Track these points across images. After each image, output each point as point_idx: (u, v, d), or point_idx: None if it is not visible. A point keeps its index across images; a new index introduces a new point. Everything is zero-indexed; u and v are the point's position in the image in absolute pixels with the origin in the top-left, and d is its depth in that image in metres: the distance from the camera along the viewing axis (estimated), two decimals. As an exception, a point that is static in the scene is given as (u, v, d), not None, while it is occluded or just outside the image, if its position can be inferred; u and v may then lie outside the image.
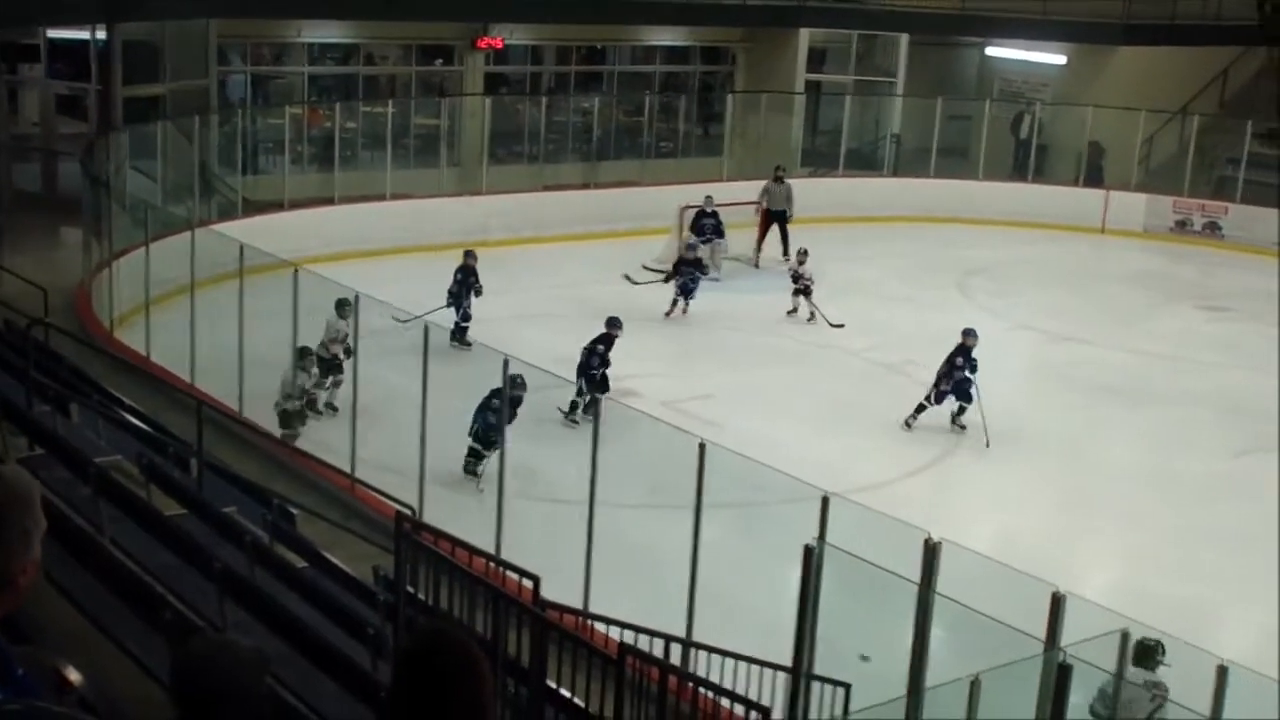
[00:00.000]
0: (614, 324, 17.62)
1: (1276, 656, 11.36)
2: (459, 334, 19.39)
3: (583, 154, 30.24)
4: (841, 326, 21.38)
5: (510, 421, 13.76)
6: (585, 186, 28.53)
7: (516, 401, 14.00)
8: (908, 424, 17.46)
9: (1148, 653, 9.63)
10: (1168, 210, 30.59)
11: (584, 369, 17.00)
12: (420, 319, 18.00)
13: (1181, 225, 30.42)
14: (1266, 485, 16.53)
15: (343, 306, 15.91)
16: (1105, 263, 28.50)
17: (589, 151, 30.15)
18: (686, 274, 21.64)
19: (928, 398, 17.49)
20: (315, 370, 15.92)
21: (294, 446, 14.40)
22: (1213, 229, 30.14)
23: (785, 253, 24.84)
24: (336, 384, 16.50)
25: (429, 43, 30.13)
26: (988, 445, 16.89)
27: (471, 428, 14.60)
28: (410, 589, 9.09)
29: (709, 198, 24.88)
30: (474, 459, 14.65)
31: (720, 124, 31.51)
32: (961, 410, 17.49)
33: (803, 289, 22.23)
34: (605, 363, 17.17)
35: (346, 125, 27.26)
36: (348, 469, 13.85)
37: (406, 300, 17.03)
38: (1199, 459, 17.25)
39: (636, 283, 21.85)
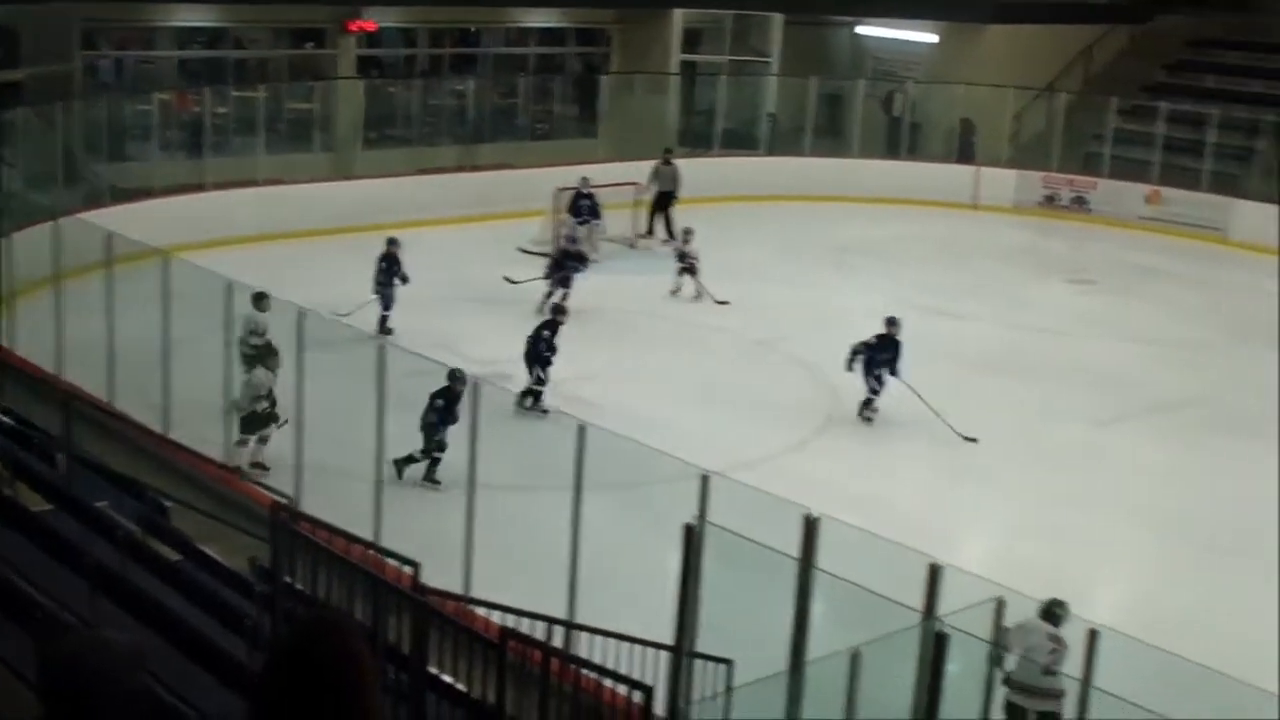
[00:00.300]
0: (560, 311, 17.58)
1: (1145, 618, 11.66)
2: (382, 324, 19.33)
3: (458, 137, 30.00)
4: (726, 304, 21.53)
5: (454, 422, 13.73)
6: (461, 170, 28.31)
7: (455, 398, 13.94)
8: (867, 419, 17.29)
9: (1054, 608, 10.28)
10: (1037, 185, 31.11)
11: (537, 357, 16.97)
12: (355, 310, 17.97)
13: (1050, 200, 30.97)
14: (1133, 452, 16.96)
15: (260, 299, 15.74)
16: (977, 238, 28.91)
17: (464, 135, 29.93)
18: (570, 267, 21.36)
19: (872, 390, 17.27)
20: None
21: (174, 441, 14.12)
22: (1080, 203, 30.72)
23: (670, 233, 24.95)
24: None
25: (299, 26, 29.70)
26: (971, 439, 16.76)
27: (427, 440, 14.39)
28: (289, 579, 8.97)
29: (584, 179, 24.84)
30: (432, 467, 14.39)
31: (596, 106, 31.46)
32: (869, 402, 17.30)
33: (688, 267, 22.36)
34: (553, 349, 17.08)
35: (217, 110, 26.78)
36: (221, 459, 13.64)
37: (279, 286, 16.76)
38: (1069, 428, 17.59)
39: (517, 282, 21.67)
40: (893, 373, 17.21)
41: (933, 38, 34.68)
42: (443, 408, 14.04)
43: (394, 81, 30.63)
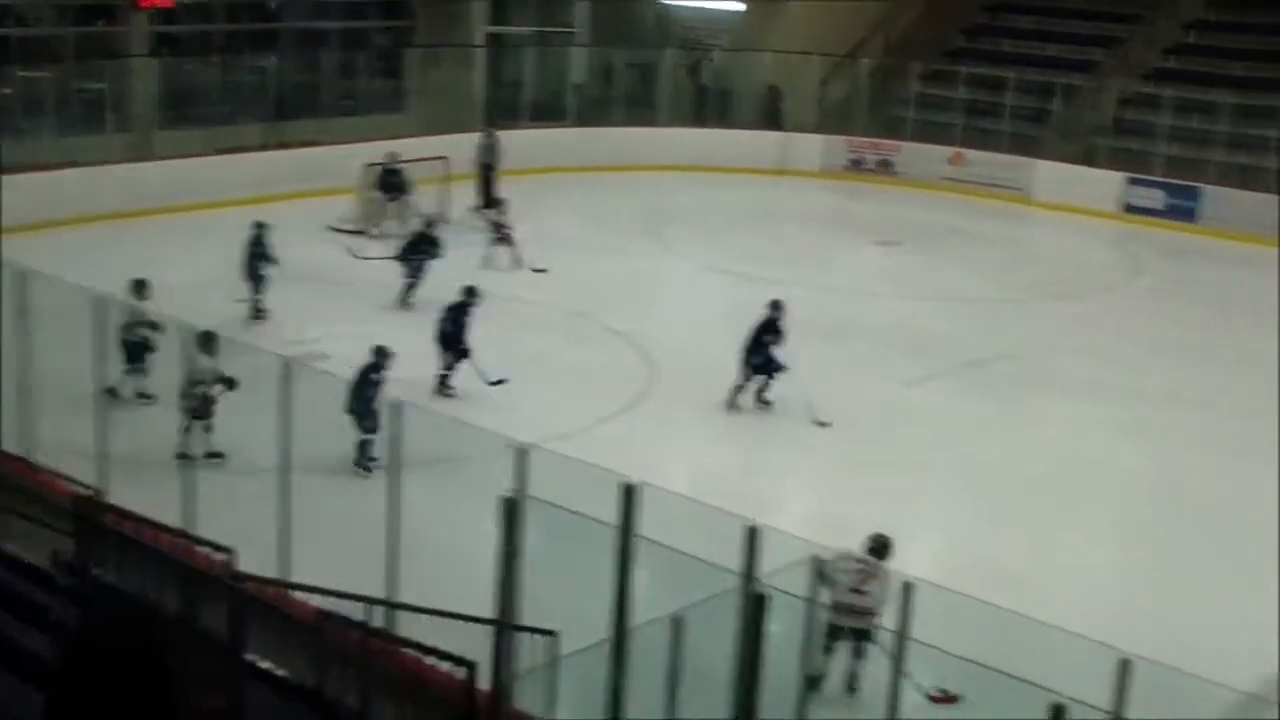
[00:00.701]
0: (473, 293, 17.25)
1: (960, 570, 11.91)
2: (255, 310, 19.09)
3: (261, 115, 29.31)
4: (544, 271, 21.46)
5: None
6: (265, 148, 27.67)
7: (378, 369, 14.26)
8: (732, 405, 16.72)
9: (873, 542, 10.79)
10: (843, 150, 31.60)
11: (451, 340, 16.74)
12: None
13: (857, 164, 31.47)
14: (944, 409, 17.32)
15: (141, 288, 15.49)
16: (787, 203, 29.28)
17: (267, 112, 29.26)
18: (425, 252, 20.60)
19: (743, 376, 16.77)
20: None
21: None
22: (886, 167, 31.27)
23: (488, 204, 24.82)
24: (140, 370, 15.45)
25: (88, 1, 28.69)
26: (825, 424, 16.49)
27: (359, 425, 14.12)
28: (97, 572, 8.67)
29: (391, 154, 24.51)
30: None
31: (401, 80, 31.01)
32: (767, 385, 16.85)
33: (503, 237, 22.28)
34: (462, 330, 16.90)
35: (2, 91, 25.76)
36: (20, 452, 13.13)
37: (77, 272, 16.18)
38: (882, 387, 17.87)
39: (367, 258, 21.24)
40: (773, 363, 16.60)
41: (739, 6, 34.96)
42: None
43: (191, 59, 29.77)
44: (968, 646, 10.59)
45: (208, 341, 13.98)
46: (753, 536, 8.38)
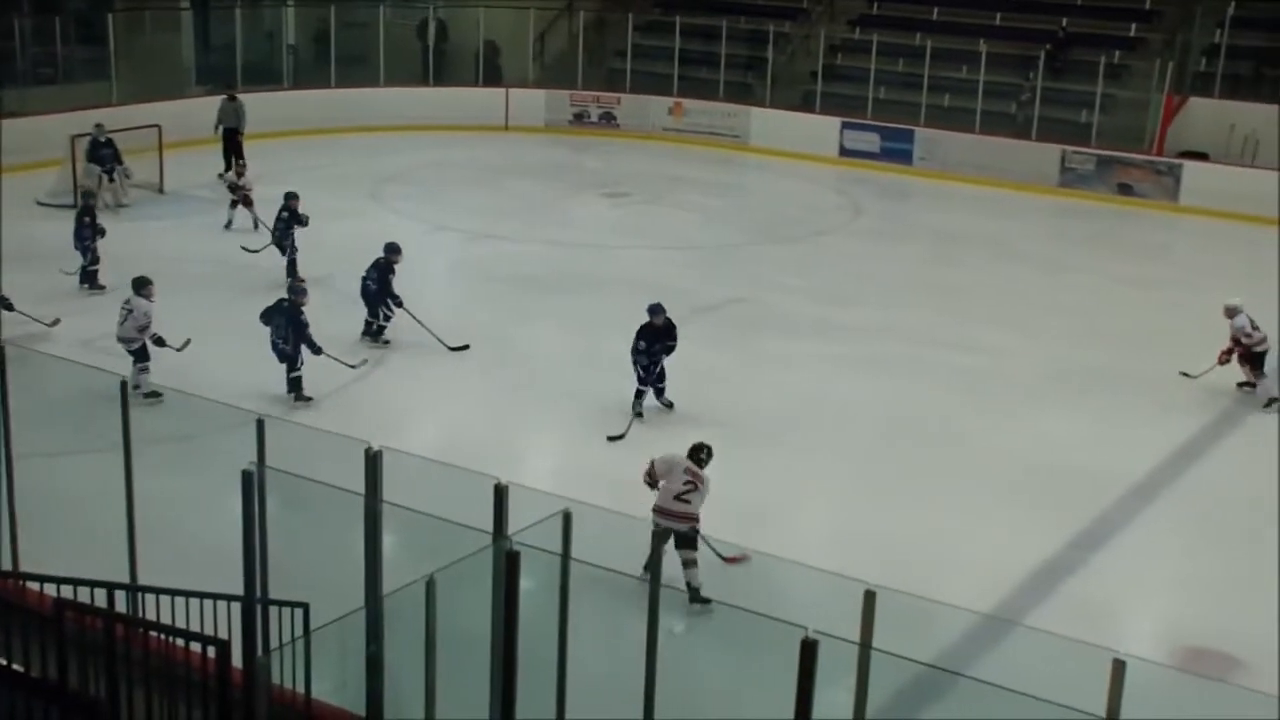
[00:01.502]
0: (394, 249, 17.44)
1: (730, 514, 12.18)
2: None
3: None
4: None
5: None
6: (-42, 121, 26.25)
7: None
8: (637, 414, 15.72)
9: (698, 451, 11.67)
10: (565, 104, 31.70)
11: (378, 295, 17.38)
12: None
13: (580, 118, 31.63)
14: (682, 357, 17.58)
15: (142, 286, 15.77)
16: (513, 159, 29.22)
17: (-43, 82, 27.76)
18: (288, 220, 19.91)
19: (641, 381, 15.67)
20: None
21: None
22: (609, 119, 31.52)
23: (237, 167, 24.33)
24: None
25: None
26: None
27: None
28: None
29: (99, 126, 23.58)
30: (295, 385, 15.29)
31: (104, 45, 29.76)
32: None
33: (242, 199, 22.03)
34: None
35: None
36: None
37: None
38: (617, 338, 18.01)
39: (254, 250, 20.41)
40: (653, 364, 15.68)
41: (449, -39, 34.69)
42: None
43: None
44: (718, 589, 10.90)
45: (142, 286, 15.60)
46: (500, 495, 8.40)
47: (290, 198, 19.84)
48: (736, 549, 11.40)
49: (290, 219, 19.80)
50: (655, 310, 15.73)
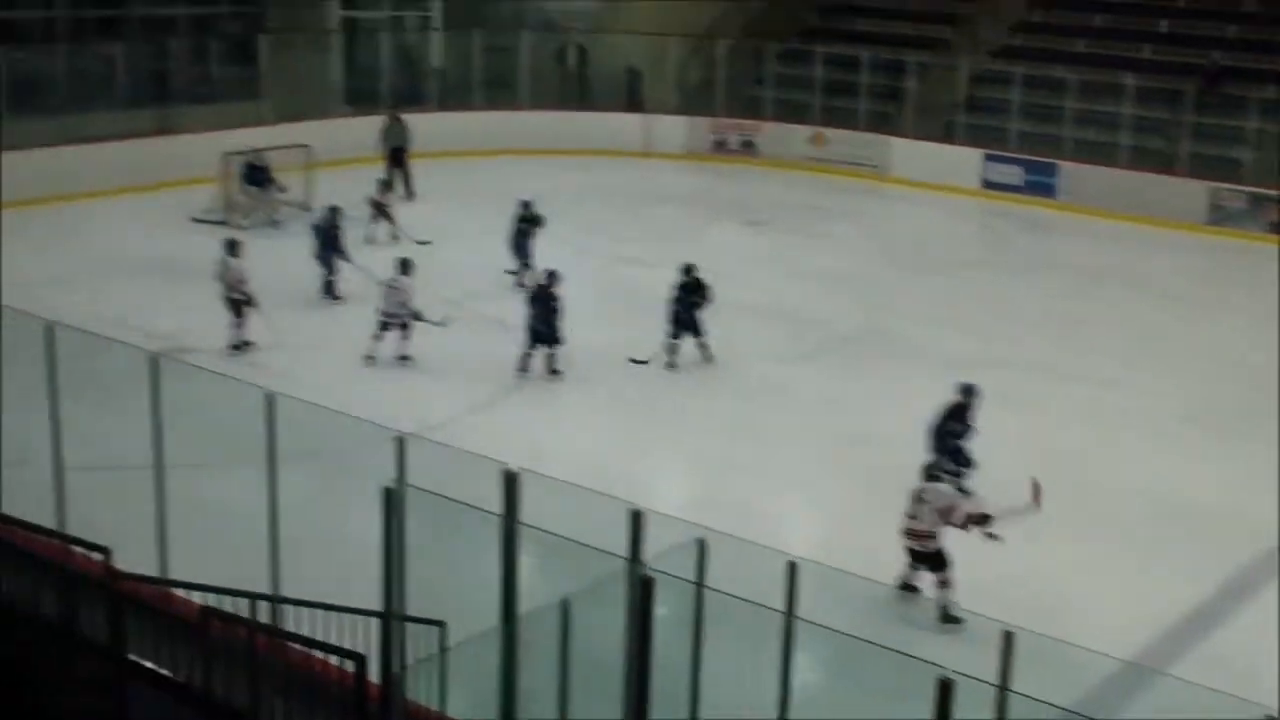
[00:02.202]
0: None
1: (842, 548, 12.10)
2: (329, 289, 20.23)
3: (111, 103, 28.62)
4: (428, 243, 21.46)
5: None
6: (118, 138, 27.04)
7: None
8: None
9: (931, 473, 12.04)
10: (706, 131, 31.77)
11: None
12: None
13: (720, 145, 31.68)
14: (818, 385, 17.54)
15: (234, 246, 17.84)
16: (652, 185, 29.35)
17: (117, 100, 28.58)
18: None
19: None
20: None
21: None
22: (748, 147, 31.51)
23: (408, 188, 25.87)
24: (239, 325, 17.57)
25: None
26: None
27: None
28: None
29: (255, 151, 24.15)
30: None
31: (255, 66, 30.48)
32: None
33: (383, 212, 22.79)
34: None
35: None
36: None
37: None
38: (756, 366, 18.05)
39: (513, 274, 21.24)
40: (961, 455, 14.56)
41: (594, -12, 35.05)
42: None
43: (34, 46, 28.92)
44: (854, 625, 10.78)
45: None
46: (636, 520, 8.43)
47: (526, 206, 21.17)
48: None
49: (526, 228, 21.03)
50: (968, 391, 14.69)
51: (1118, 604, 12.00)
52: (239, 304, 17.76)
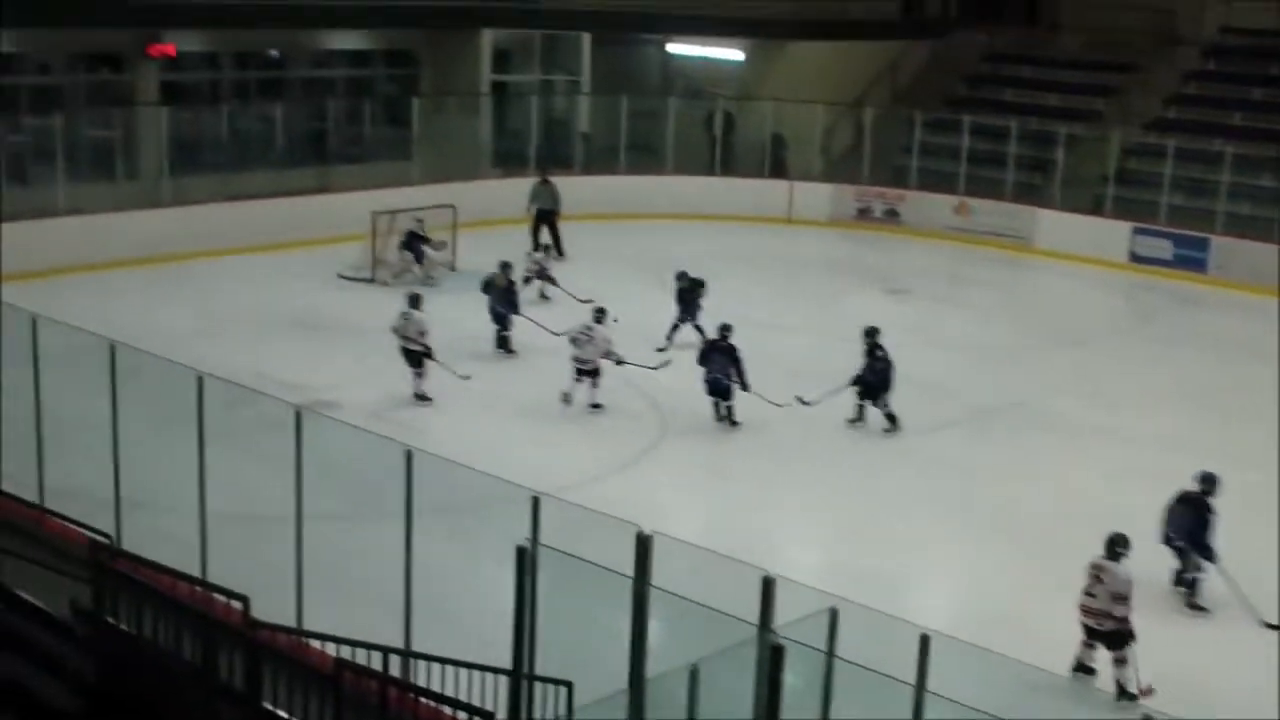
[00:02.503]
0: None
1: (976, 620, 11.90)
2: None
3: (268, 162, 29.48)
4: (589, 302, 21.70)
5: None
6: (272, 195, 27.77)
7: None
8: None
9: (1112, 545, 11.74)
10: (850, 199, 31.69)
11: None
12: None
13: (863, 213, 31.56)
14: (956, 455, 17.32)
15: (416, 300, 18.51)
16: (795, 251, 29.33)
17: (274, 159, 29.41)
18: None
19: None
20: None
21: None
22: (892, 215, 31.36)
23: (558, 248, 26.26)
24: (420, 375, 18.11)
25: (97, 51, 28.85)
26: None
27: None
28: (111, 620, 8.65)
29: (419, 220, 24.68)
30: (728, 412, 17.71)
31: (407, 128, 31.14)
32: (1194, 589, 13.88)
33: (544, 275, 23.57)
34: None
35: (10, 139, 25.84)
36: (34, 499, 13.12)
37: (89, 318, 16.21)
38: (895, 435, 17.88)
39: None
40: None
41: (740, 55, 35.20)
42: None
43: (199, 107, 29.93)
44: (987, 702, 10.57)
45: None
46: (768, 587, 8.37)
47: (681, 278, 21.69)
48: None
49: (690, 292, 21.56)
50: (1208, 480, 13.97)
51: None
52: (419, 356, 18.12)
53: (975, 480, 16.53)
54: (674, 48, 36.62)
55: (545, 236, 26.87)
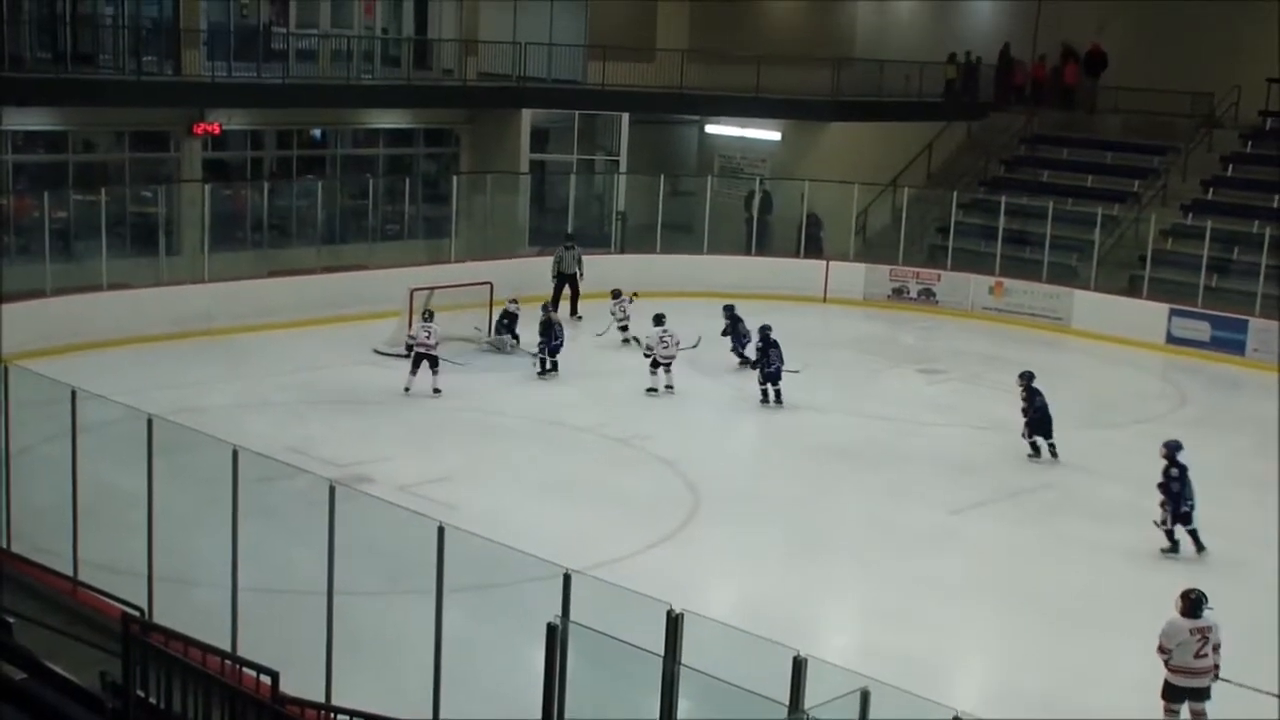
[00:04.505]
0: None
1: (1009, 701, 11.80)
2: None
3: (309, 239, 29.83)
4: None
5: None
6: (312, 271, 28.07)
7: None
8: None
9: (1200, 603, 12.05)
10: (885, 278, 31.74)
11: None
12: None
13: (898, 292, 31.59)
14: (987, 537, 17.25)
15: (431, 316, 21.61)
16: (829, 330, 29.36)
17: (314, 236, 29.75)
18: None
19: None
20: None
21: (16, 554, 13.62)
22: (927, 295, 31.37)
23: (575, 311, 27.58)
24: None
25: (143, 129, 29.33)
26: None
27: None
28: (141, 694, 8.68)
29: (515, 302, 25.45)
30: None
31: (447, 205, 31.46)
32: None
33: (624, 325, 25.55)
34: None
35: (57, 214, 26.23)
36: (68, 571, 13.20)
37: (128, 392, 16.37)
38: (926, 515, 17.83)
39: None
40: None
41: (776, 135, 35.47)
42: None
43: (242, 184, 30.34)
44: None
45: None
46: (799, 668, 8.34)
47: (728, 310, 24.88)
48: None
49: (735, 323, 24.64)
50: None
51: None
52: (435, 359, 21.36)
53: (1007, 560, 16.45)
54: (711, 128, 36.93)
55: (556, 297, 27.48)
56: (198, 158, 29.26)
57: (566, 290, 28.30)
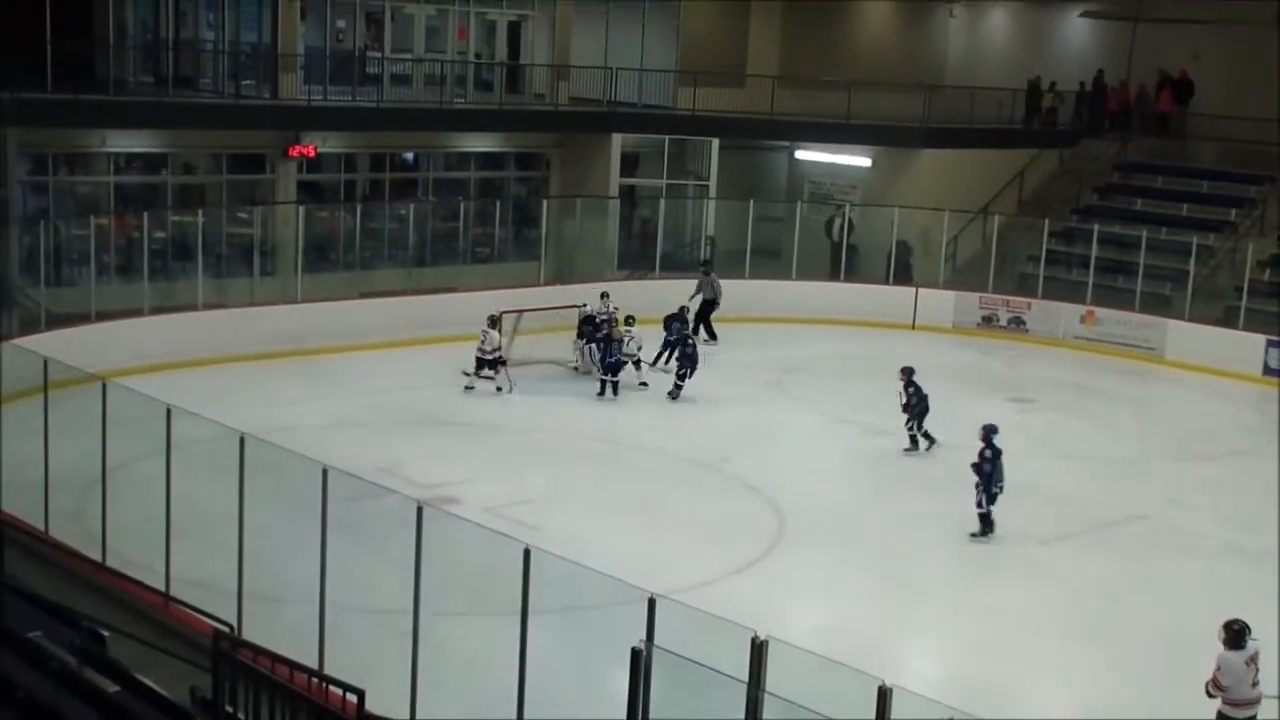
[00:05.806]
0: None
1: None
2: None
3: (400, 260, 30.15)
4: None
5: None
6: (403, 293, 28.33)
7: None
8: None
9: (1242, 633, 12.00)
10: (974, 306, 31.49)
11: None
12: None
13: (988, 321, 31.33)
14: (1077, 569, 17.04)
15: (495, 323, 22.92)
16: (917, 358, 29.05)
17: (405, 258, 30.06)
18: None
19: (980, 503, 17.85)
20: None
21: (112, 568, 13.86)
22: (1017, 324, 31.09)
23: (712, 336, 27.84)
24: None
25: (240, 151, 29.81)
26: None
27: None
28: (230, 709, 8.79)
29: (605, 294, 25.82)
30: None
31: (536, 228, 31.67)
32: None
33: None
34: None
35: (155, 234, 26.73)
36: (161, 586, 13.40)
37: (221, 410, 16.61)
38: (1014, 546, 17.65)
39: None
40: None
41: (866, 161, 35.35)
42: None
43: (335, 206, 30.74)
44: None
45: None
46: (883, 697, 8.28)
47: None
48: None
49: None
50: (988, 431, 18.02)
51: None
52: (494, 363, 22.52)
53: (1096, 594, 16.25)
54: (801, 153, 36.89)
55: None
56: (293, 180, 29.68)
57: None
